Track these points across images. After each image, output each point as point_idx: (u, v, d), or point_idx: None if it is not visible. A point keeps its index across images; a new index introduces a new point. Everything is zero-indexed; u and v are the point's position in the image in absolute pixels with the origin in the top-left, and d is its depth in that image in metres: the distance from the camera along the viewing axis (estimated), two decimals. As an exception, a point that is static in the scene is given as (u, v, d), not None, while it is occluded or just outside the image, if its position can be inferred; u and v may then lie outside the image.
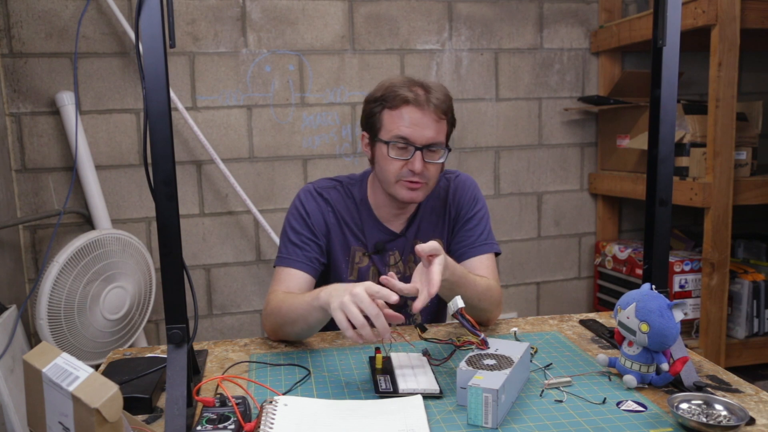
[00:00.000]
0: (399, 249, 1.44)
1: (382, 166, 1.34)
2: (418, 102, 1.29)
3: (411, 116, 1.29)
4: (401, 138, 1.30)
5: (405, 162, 1.30)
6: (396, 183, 1.33)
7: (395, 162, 1.31)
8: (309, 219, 1.39)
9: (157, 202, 0.92)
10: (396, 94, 1.29)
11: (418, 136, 1.29)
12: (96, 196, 2.19)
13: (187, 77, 2.32)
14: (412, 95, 1.29)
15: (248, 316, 2.50)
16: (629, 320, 1.03)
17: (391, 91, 1.31)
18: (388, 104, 1.31)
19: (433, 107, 1.30)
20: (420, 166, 1.30)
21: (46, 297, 1.79)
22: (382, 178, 1.36)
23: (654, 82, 1.12)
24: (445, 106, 1.33)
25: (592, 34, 2.69)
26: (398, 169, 1.31)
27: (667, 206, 1.13)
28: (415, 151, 1.30)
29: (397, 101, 1.29)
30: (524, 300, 2.80)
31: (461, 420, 0.93)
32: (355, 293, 1.04)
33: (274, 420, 0.91)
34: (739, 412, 0.89)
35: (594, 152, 2.79)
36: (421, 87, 1.31)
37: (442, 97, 1.32)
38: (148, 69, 0.90)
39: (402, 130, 1.29)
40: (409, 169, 1.30)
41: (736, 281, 2.41)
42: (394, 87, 1.31)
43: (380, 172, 1.36)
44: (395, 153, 1.31)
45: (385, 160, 1.32)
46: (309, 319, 1.19)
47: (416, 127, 1.29)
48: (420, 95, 1.29)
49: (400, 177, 1.32)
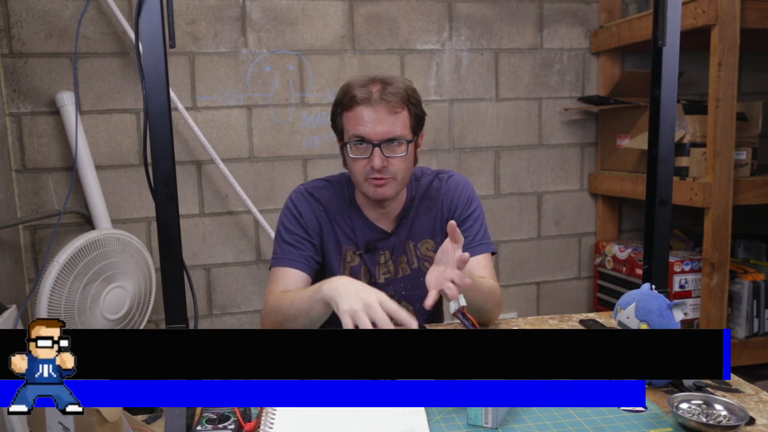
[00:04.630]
0: (389, 248, 1.44)
1: (349, 167, 1.38)
2: (368, 100, 1.30)
3: (363, 114, 1.30)
4: (358, 137, 1.31)
5: (366, 160, 1.32)
6: (364, 182, 1.35)
7: (358, 161, 1.33)
8: (302, 219, 1.40)
9: (157, 202, 0.92)
10: (350, 96, 1.31)
11: (373, 133, 1.30)
12: (96, 196, 2.19)
13: (187, 77, 2.32)
14: (362, 94, 1.30)
15: (248, 316, 2.50)
16: (629, 320, 1.03)
17: (346, 92, 1.33)
18: (343, 106, 1.33)
19: (384, 102, 1.29)
20: (379, 163, 1.30)
21: (46, 297, 1.79)
22: (354, 179, 1.39)
23: (654, 82, 1.12)
24: (400, 98, 1.31)
25: (592, 34, 2.69)
26: (362, 168, 1.33)
27: (667, 206, 1.13)
28: (373, 147, 1.30)
29: (351, 102, 1.31)
30: (524, 300, 2.80)
31: (461, 420, 0.93)
32: (369, 304, 1.05)
33: (274, 420, 0.91)
34: (739, 412, 0.89)
35: (594, 152, 2.79)
36: (380, 83, 1.31)
37: (397, 90, 1.31)
38: (148, 69, 0.90)
39: (356, 129, 1.31)
40: (370, 166, 1.32)
41: (736, 281, 2.41)
42: (349, 87, 1.33)
43: (350, 173, 1.39)
44: (355, 152, 1.33)
45: (350, 161, 1.35)
46: (311, 313, 1.19)
47: (369, 124, 1.30)
48: (372, 92, 1.30)
49: (365, 175, 1.33)
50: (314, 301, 1.17)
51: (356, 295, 1.07)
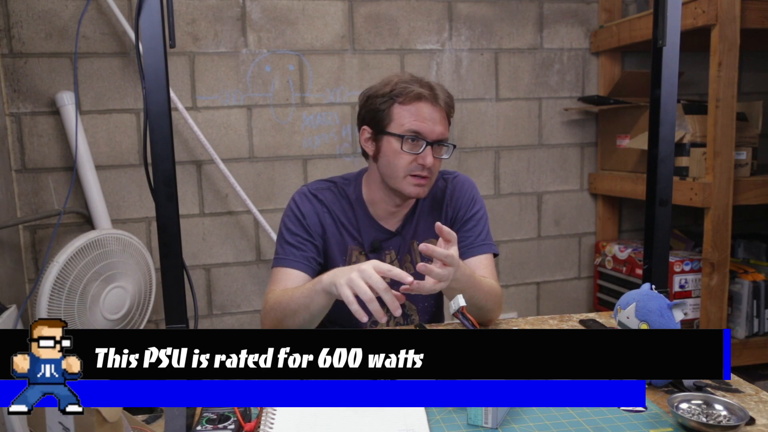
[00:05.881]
0: (395, 248, 1.44)
1: (390, 160, 1.35)
2: (429, 98, 1.32)
3: (424, 111, 1.32)
4: (415, 132, 1.32)
5: (415, 156, 1.33)
6: (404, 178, 1.34)
7: (406, 156, 1.33)
8: (305, 220, 1.40)
9: (157, 203, 0.92)
10: (408, 90, 1.32)
11: (430, 131, 1.32)
12: (96, 196, 2.19)
13: (187, 77, 2.32)
14: (424, 91, 1.32)
15: (248, 316, 2.50)
16: (629, 320, 1.03)
17: (402, 86, 1.33)
18: (399, 99, 1.33)
19: (443, 103, 1.34)
20: (431, 160, 1.33)
21: (46, 297, 1.79)
22: (389, 173, 1.36)
23: (654, 82, 1.12)
24: (451, 104, 1.37)
25: (592, 34, 2.69)
26: (408, 164, 1.33)
27: (667, 206, 1.13)
28: (426, 145, 1.32)
29: (411, 96, 1.32)
30: (524, 300, 2.80)
31: (461, 420, 0.93)
32: (363, 269, 1.07)
33: (273, 420, 0.91)
34: (739, 412, 0.89)
35: (594, 152, 2.79)
36: (427, 85, 1.35)
37: (448, 96, 1.36)
38: (148, 69, 0.90)
39: (415, 124, 1.32)
40: (419, 163, 1.33)
41: (736, 281, 2.41)
42: (404, 83, 1.33)
43: (387, 166, 1.36)
44: (407, 147, 1.33)
45: (395, 154, 1.34)
46: (311, 306, 1.20)
47: (429, 122, 1.32)
48: (430, 92, 1.32)
49: (409, 171, 1.34)
50: (314, 292, 1.18)
51: (350, 268, 1.11)
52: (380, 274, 1.07)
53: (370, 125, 1.39)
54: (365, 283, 1.06)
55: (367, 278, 1.06)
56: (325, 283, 1.14)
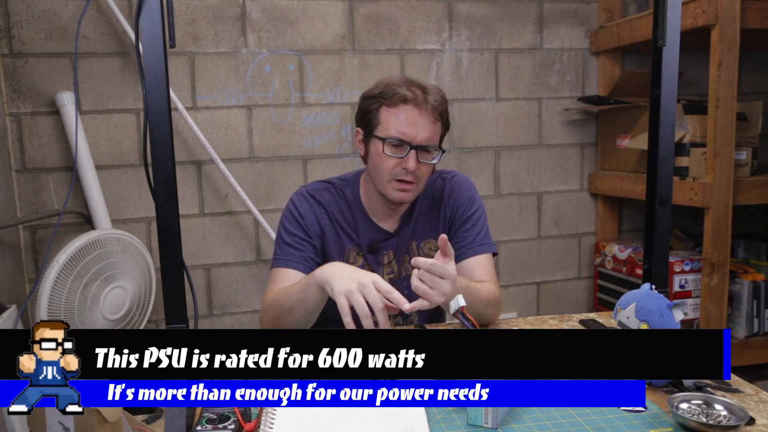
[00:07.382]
0: (393, 249, 1.44)
1: (375, 163, 1.35)
2: (416, 102, 1.29)
3: (408, 115, 1.30)
4: (398, 136, 1.30)
5: (400, 160, 1.31)
6: (389, 182, 1.33)
7: (390, 159, 1.31)
8: (303, 221, 1.40)
9: (157, 203, 0.92)
10: (395, 92, 1.30)
11: (414, 136, 1.30)
12: (96, 196, 2.19)
13: (187, 77, 2.32)
14: (411, 94, 1.29)
15: (248, 316, 2.50)
16: (629, 320, 1.03)
17: (390, 89, 1.31)
18: (386, 101, 1.31)
19: (431, 108, 1.30)
20: (414, 165, 1.30)
21: (46, 297, 1.79)
22: (375, 176, 1.36)
23: (654, 82, 1.12)
24: (442, 109, 1.33)
25: (592, 34, 2.69)
26: (392, 167, 1.32)
27: (667, 206, 1.13)
28: (410, 149, 1.30)
29: (396, 99, 1.30)
30: (524, 300, 2.80)
31: (461, 420, 0.93)
32: (364, 284, 1.06)
33: (273, 420, 0.91)
34: (739, 412, 0.89)
35: (594, 152, 2.79)
36: (419, 88, 1.32)
37: (439, 99, 1.32)
38: (148, 69, 0.90)
39: (399, 128, 1.30)
40: (402, 167, 1.31)
41: (736, 281, 2.41)
42: (393, 85, 1.31)
43: (373, 169, 1.36)
44: (390, 150, 1.31)
45: (379, 157, 1.33)
46: (306, 302, 1.19)
47: (413, 126, 1.30)
48: (418, 95, 1.30)
49: (393, 175, 1.32)
50: (308, 287, 1.17)
51: (350, 276, 1.09)
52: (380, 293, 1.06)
53: (362, 126, 1.38)
54: (363, 299, 1.05)
55: (366, 294, 1.05)
56: (319, 278, 1.14)
